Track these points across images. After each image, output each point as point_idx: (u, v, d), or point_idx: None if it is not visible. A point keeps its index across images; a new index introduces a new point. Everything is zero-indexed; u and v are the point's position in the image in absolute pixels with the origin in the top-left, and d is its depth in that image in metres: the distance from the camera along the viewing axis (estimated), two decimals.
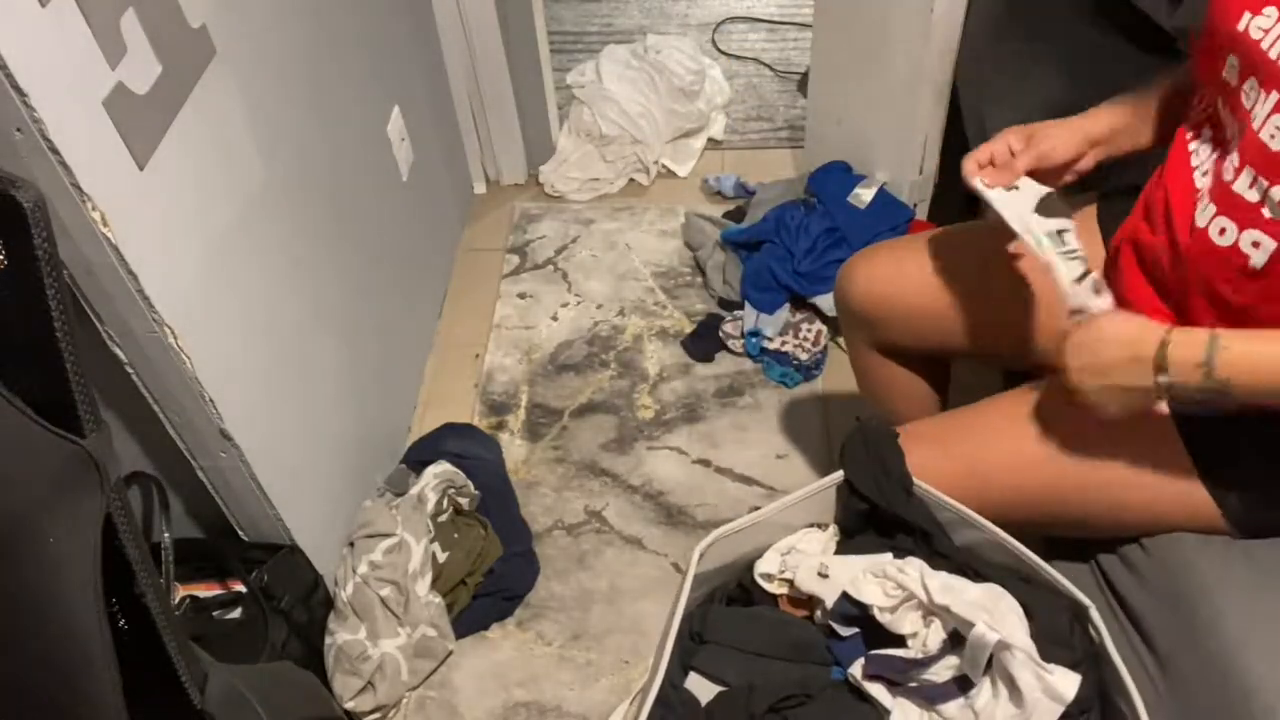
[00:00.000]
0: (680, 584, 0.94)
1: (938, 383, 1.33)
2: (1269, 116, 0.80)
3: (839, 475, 0.99)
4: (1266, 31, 0.80)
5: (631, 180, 2.29)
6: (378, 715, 1.37)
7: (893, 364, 1.28)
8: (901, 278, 1.18)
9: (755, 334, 1.84)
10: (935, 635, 0.88)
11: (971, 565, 0.94)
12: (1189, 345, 0.80)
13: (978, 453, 1.00)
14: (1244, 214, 0.82)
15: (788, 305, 1.86)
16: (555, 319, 1.98)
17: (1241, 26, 0.82)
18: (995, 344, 1.15)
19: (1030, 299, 1.09)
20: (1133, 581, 0.98)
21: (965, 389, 1.37)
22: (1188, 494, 0.93)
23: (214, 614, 1.23)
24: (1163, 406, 0.83)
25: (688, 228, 2.08)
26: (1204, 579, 0.91)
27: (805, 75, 2.45)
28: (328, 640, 1.34)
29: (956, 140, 1.88)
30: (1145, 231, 0.94)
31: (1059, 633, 0.86)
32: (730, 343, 1.88)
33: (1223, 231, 0.84)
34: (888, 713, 0.91)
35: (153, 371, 1.03)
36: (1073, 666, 0.84)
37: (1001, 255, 1.11)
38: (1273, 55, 0.80)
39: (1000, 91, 1.62)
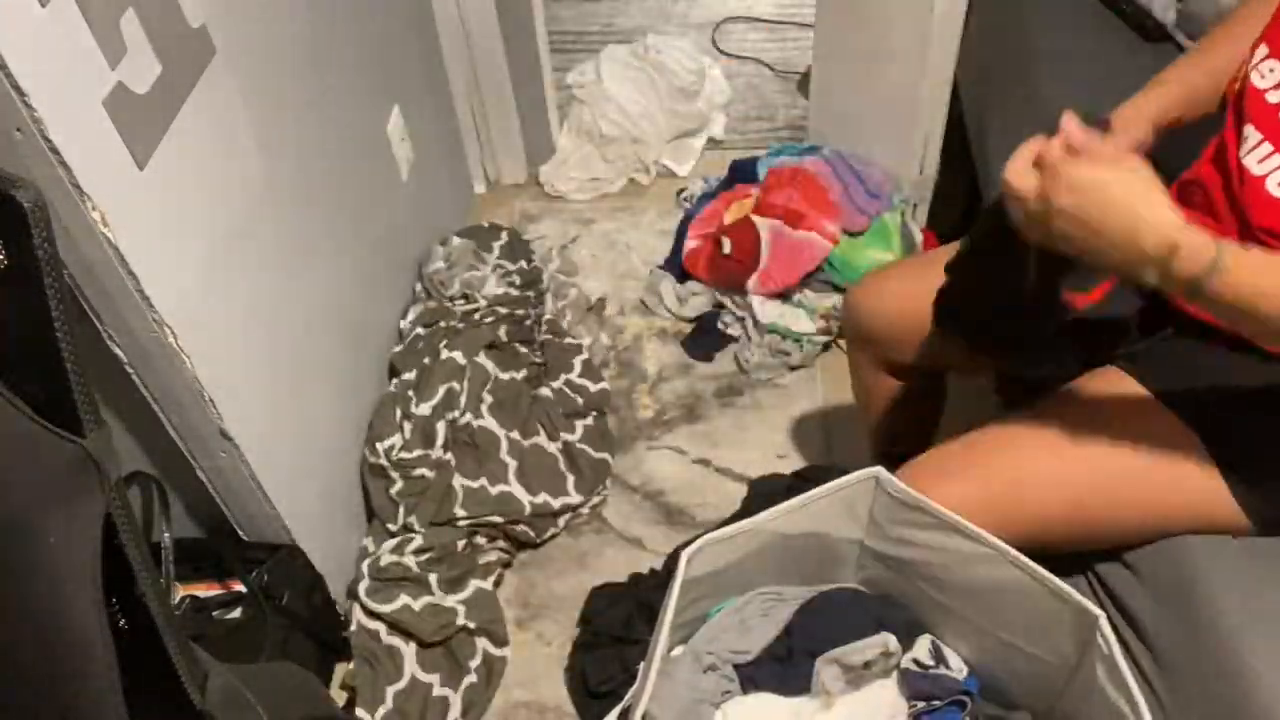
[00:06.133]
0: (668, 591, 0.93)
1: (936, 398, 1.33)
2: None
3: (830, 487, 0.98)
4: None
5: (631, 180, 2.29)
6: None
7: (894, 382, 1.28)
8: (911, 298, 1.17)
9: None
10: None
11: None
12: (1193, 254, 0.71)
13: (1004, 482, 0.97)
14: None
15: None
16: None
17: None
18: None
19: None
20: (1132, 586, 0.98)
21: (955, 399, 1.37)
22: (1212, 496, 0.92)
23: (214, 614, 1.23)
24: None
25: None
26: (1205, 580, 0.91)
27: (805, 75, 2.45)
28: None
29: (957, 140, 1.88)
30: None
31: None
32: (730, 330, 1.90)
33: None
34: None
35: (153, 371, 1.03)
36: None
37: None
38: None
39: (1002, 90, 1.62)
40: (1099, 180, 0.73)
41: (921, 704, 0.99)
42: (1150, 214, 0.73)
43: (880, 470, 0.97)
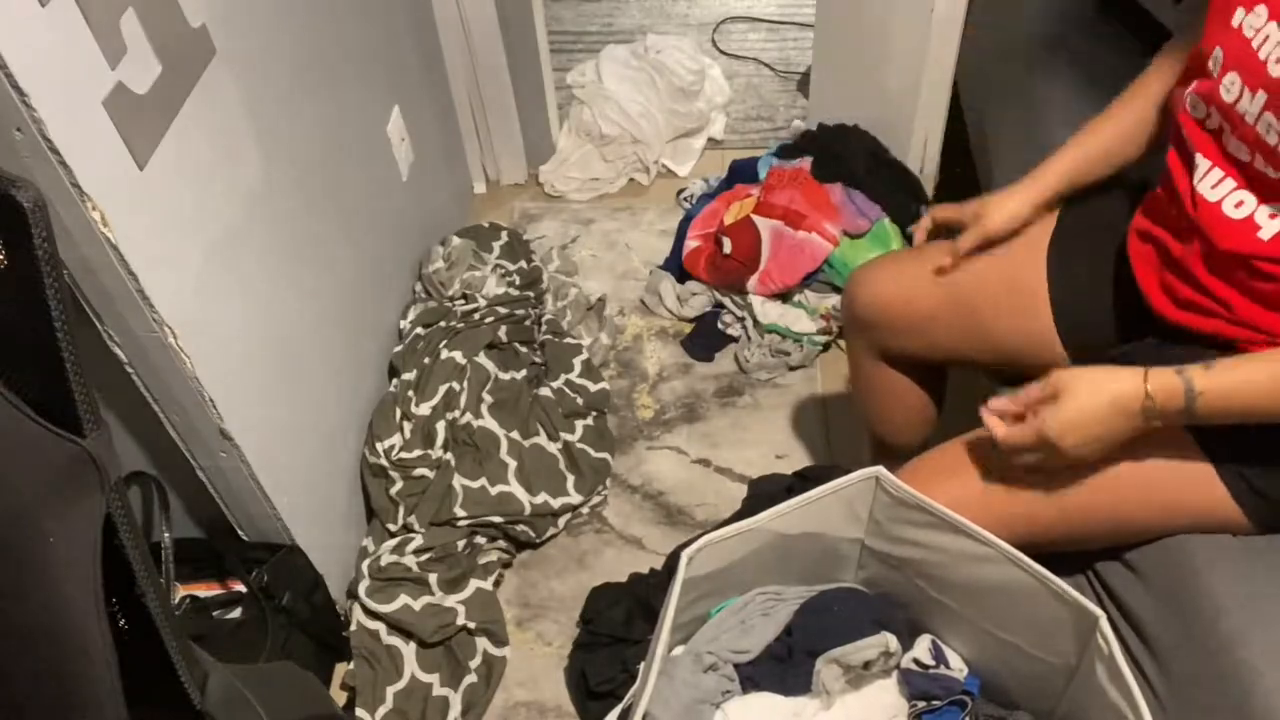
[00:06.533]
0: (669, 591, 0.93)
1: (935, 391, 1.33)
2: (1259, 115, 0.81)
3: (830, 487, 0.98)
4: (1257, 31, 0.81)
5: (631, 180, 2.29)
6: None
7: (893, 372, 1.28)
8: (910, 286, 1.18)
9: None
10: None
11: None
12: (1168, 395, 0.85)
13: (1001, 480, 0.98)
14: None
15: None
16: None
17: (1235, 22, 0.83)
18: (1000, 351, 1.15)
19: (1027, 307, 1.10)
20: (1132, 585, 0.98)
21: (957, 393, 1.37)
22: (1208, 494, 0.93)
23: (214, 614, 1.23)
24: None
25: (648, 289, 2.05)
26: (1205, 579, 0.91)
27: (805, 75, 2.45)
28: None
29: (958, 139, 1.88)
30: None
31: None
32: (730, 330, 1.90)
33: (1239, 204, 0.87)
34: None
35: (153, 371, 1.03)
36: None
37: (1001, 264, 1.11)
38: (1261, 55, 0.81)
39: (1001, 90, 1.62)
40: (1064, 413, 0.87)
41: (922, 704, 0.99)
42: (1116, 397, 0.86)
43: (880, 470, 0.97)
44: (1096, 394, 0.86)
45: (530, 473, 1.55)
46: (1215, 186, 0.89)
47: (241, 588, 1.23)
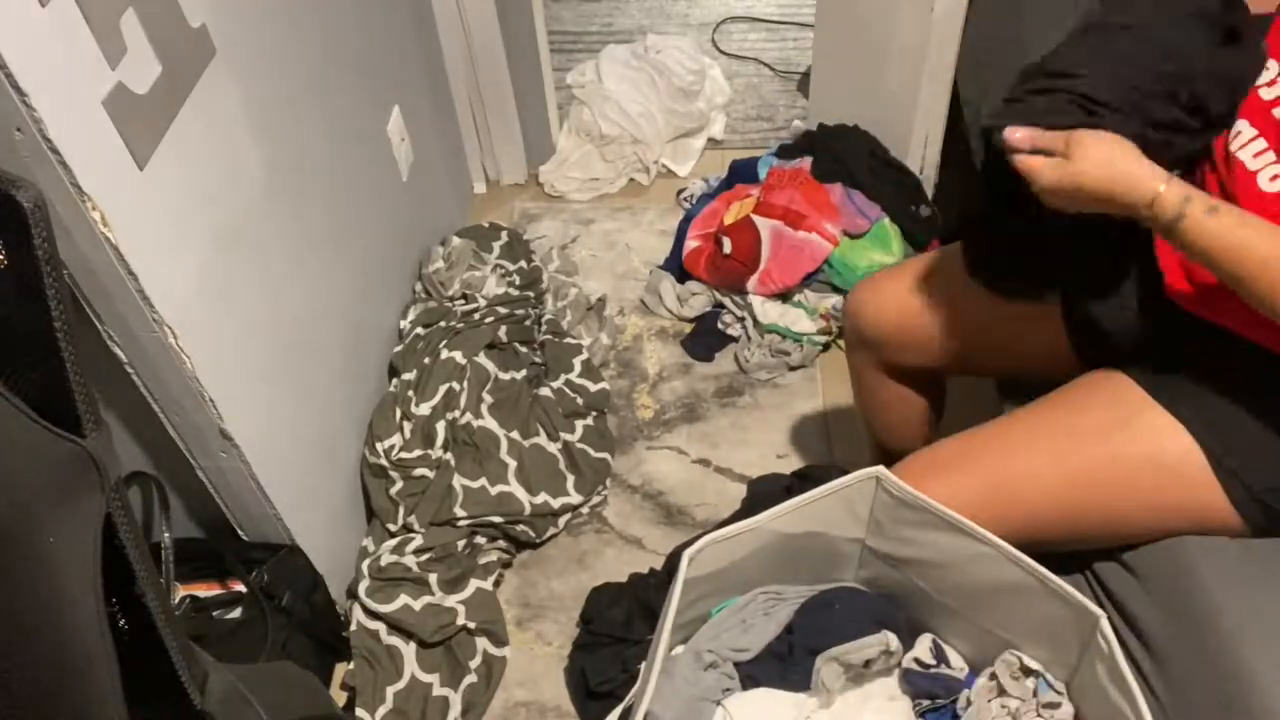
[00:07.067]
0: (669, 591, 0.93)
1: (936, 398, 1.33)
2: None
3: (831, 487, 0.98)
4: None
5: (631, 180, 2.29)
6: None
7: (895, 383, 1.28)
8: (914, 303, 1.17)
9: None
10: None
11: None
12: (1164, 209, 0.81)
13: (998, 477, 0.97)
14: None
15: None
16: None
17: None
18: (1008, 366, 1.15)
19: (1038, 324, 1.09)
20: (1130, 586, 0.98)
21: (956, 399, 1.38)
22: (1207, 497, 0.92)
23: (214, 614, 1.23)
24: None
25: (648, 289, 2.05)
26: (1202, 579, 0.91)
27: (805, 75, 2.45)
28: None
29: (958, 139, 1.88)
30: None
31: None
32: (730, 330, 1.90)
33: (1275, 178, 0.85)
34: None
35: (153, 371, 1.03)
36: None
37: None
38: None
39: (1001, 90, 1.62)
40: (1082, 160, 0.84)
41: (926, 702, 0.99)
42: (1127, 177, 0.83)
43: (881, 470, 0.97)
44: (1105, 167, 0.82)
45: (530, 473, 1.55)
46: (1257, 156, 0.85)
47: (241, 588, 1.23)
